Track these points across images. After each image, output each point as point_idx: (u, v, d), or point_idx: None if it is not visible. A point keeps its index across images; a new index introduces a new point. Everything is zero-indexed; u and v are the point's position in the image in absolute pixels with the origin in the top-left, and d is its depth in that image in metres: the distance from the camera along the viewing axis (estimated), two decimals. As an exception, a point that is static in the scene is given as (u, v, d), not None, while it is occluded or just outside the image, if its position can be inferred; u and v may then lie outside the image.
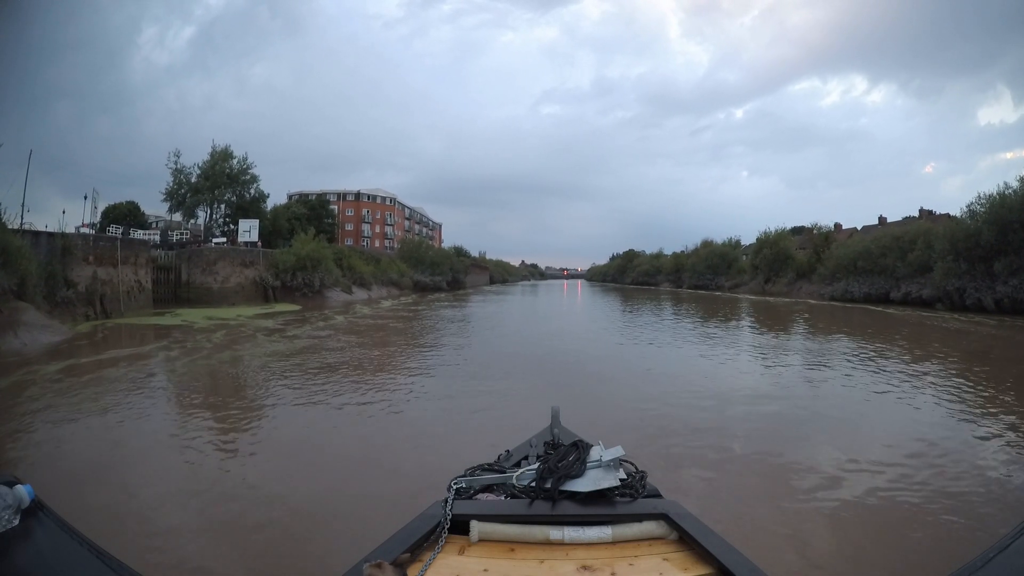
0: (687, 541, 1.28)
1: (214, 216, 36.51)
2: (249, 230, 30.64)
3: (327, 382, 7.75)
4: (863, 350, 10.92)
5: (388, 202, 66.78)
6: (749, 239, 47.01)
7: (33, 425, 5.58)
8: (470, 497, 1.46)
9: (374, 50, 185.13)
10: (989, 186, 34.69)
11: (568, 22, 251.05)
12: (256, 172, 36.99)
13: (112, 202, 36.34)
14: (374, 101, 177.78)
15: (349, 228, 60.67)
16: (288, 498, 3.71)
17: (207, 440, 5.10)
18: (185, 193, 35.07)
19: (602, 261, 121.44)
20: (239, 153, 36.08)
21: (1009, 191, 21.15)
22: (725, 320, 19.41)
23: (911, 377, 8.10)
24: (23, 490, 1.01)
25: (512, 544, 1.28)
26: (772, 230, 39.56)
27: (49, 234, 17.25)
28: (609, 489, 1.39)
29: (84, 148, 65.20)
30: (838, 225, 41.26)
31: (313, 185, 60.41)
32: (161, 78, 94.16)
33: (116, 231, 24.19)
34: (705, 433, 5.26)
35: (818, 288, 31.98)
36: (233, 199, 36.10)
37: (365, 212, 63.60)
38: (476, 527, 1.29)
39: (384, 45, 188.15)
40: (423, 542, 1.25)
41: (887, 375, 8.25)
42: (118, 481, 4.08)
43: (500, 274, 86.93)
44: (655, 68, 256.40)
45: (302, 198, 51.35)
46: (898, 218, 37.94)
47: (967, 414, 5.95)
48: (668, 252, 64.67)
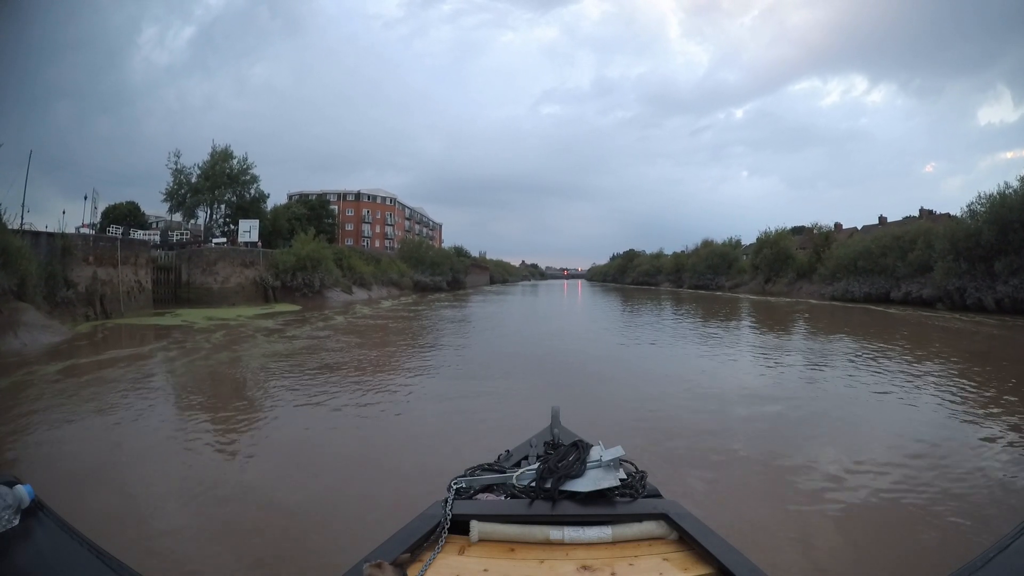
0: (687, 541, 1.28)
1: (214, 216, 36.57)
2: (249, 230, 30.64)
3: (327, 383, 7.75)
4: (864, 350, 10.91)
5: (388, 202, 66.78)
6: (749, 239, 47.15)
7: (33, 425, 5.59)
8: (470, 497, 1.46)
9: (374, 50, 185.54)
10: (989, 186, 34.76)
11: (568, 22, 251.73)
12: (256, 172, 37.11)
13: (112, 202, 36.45)
14: (374, 101, 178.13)
15: (349, 228, 60.68)
16: (288, 498, 3.71)
17: (206, 441, 5.10)
18: (185, 193, 35.11)
19: (602, 261, 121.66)
20: (239, 153, 36.20)
21: (1009, 191, 21.17)
22: (725, 320, 19.39)
23: (913, 377, 8.09)
24: (23, 490, 1.01)
25: (512, 544, 1.28)
26: (772, 230, 39.63)
27: (49, 234, 17.27)
28: (609, 489, 1.39)
29: (84, 148, 65.31)
30: (838, 225, 41.22)
31: (313, 185, 60.59)
32: (161, 78, 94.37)
33: (116, 231, 24.20)
34: (706, 433, 5.25)
35: (818, 288, 31.96)
36: (233, 199, 36.12)
37: (365, 212, 63.60)
38: (476, 527, 1.29)
39: (384, 45, 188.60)
40: (423, 542, 1.25)
41: (889, 375, 8.24)
42: (118, 481, 4.08)
43: (500, 274, 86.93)
44: (655, 68, 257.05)
45: (302, 198, 51.39)
46: (898, 218, 37.87)
47: (969, 415, 5.93)
48: (668, 252, 64.79)
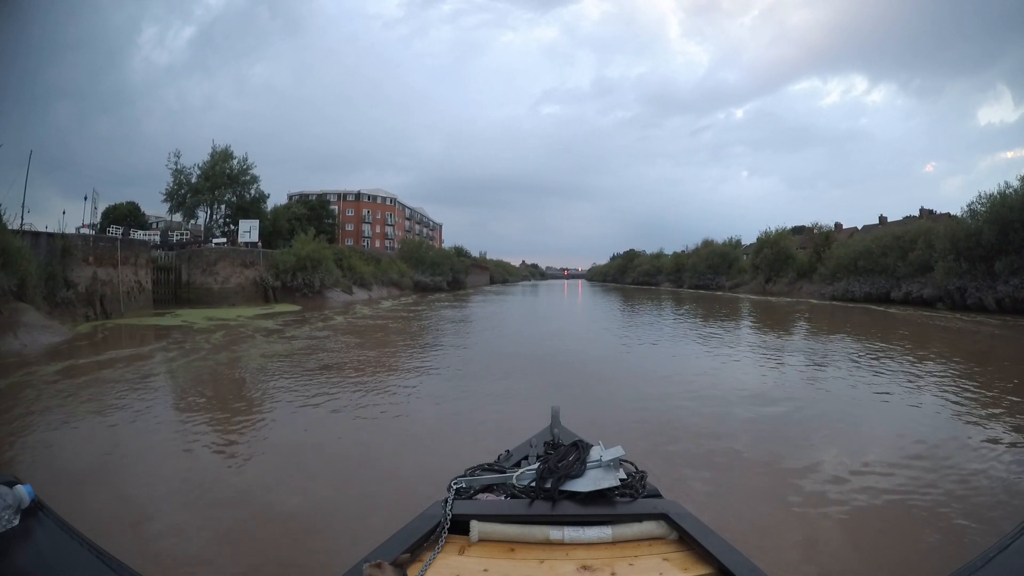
0: (687, 541, 1.28)
1: (214, 216, 36.60)
2: (249, 230, 30.66)
3: (326, 383, 7.75)
4: (865, 350, 10.91)
5: (388, 202, 66.79)
6: (749, 239, 47.11)
7: (33, 426, 5.59)
8: (470, 497, 1.46)
9: (374, 50, 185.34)
10: (989, 185, 34.74)
11: (568, 22, 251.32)
12: (256, 172, 37.17)
13: (112, 202, 36.51)
14: (374, 101, 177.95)
15: (349, 228, 60.69)
16: (287, 499, 3.71)
17: (206, 441, 5.10)
18: (185, 193, 35.14)
19: (602, 261, 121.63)
20: (239, 153, 36.26)
21: (1010, 190, 21.14)
22: (726, 320, 19.39)
23: (915, 377, 8.07)
24: (23, 490, 1.01)
25: (512, 544, 1.28)
26: (773, 230, 39.55)
27: (49, 235, 17.29)
28: (609, 489, 1.39)
29: (84, 148, 65.25)
30: (839, 225, 41.22)
31: (313, 185, 60.58)
32: (161, 78, 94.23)
33: (116, 232, 24.22)
34: (707, 434, 5.24)
35: (819, 288, 31.94)
36: (233, 199, 36.16)
37: (365, 212, 63.60)
38: (476, 527, 1.29)
39: (384, 45, 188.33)
40: (423, 542, 1.25)
41: (890, 375, 8.23)
42: (117, 482, 4.08)
43: (500, 274, 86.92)
44: (655, 68, 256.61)
45: (302, 198, 51.41)
46: (899, 218, 37.83)
47: (972, 415, 5.90)
48: (668, 252, 64.70)
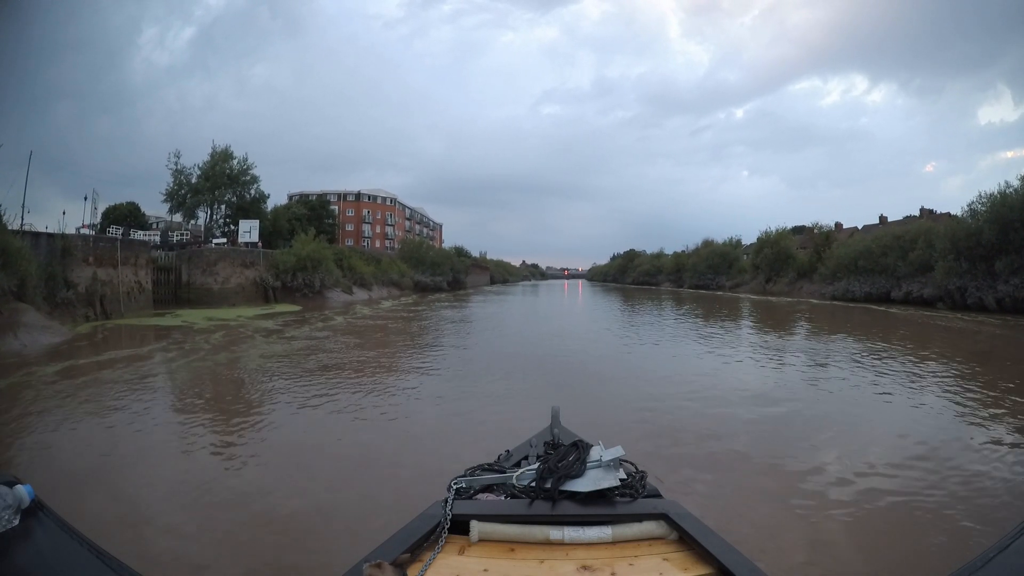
0: (687, 541, 1.28)
1: (214, 217, 36.63)
2: (249, 231, 30.69)
3: (326, 384, 7.75)
4: (867, 350, 10.90)
5: (388, 202, 66.80)
6: (750, 239, 47.05)
7: (32, 426, 5.59)
8: (470, 497, 1.46)
9: (374, 50, 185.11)
10: (990, 185, 34.77)
11: (568, 22, 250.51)
12: (256, 172, 37.20)
13: (112, 203, 36.56)
14: (374, 101, 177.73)
15: (350, 228, 60.70)
16: (287, 499, 3.71)
17: (205, 442, 5.10)
18: (185, 194, 35.16)
19: (603, 261, 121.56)
20: (239, 153, 36.29)
21: (1010, 190, 21.11)
22: (727, 320, 19.38)
23: (916, 378, 8.05)
24: (23, 490, 1.01)
25: (512, 544, 1.28)
26: (773, 230, 39.50)
27: (49, 235, 17.29)
28: (609, 489, 1.39)
29: (84, 149, 65.18)
30: (839, 224, 41.20)
31: (313, 185, 60.58)
32: (161, 79, 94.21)
33: (116, 232, 24.25)
34: (708, 434, 5.23)
35: (819, 287, 31.94)
36: (233, 200, 36.17)
37: (366, 212, 63.61)
38: (476, 527, 1.29)
39: (384, 45, 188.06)
40: (423, 542, 1.25)
41: (892, 376, 8.21)
42: (117, 482, 4.08)
43: (501, 274, 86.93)
44: (655, 68, 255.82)
45: (302, 198, 51.42)
46: (899, 217, 37.81)
47: (974, 416, 5.88)
48: (669, 252, 64.63)
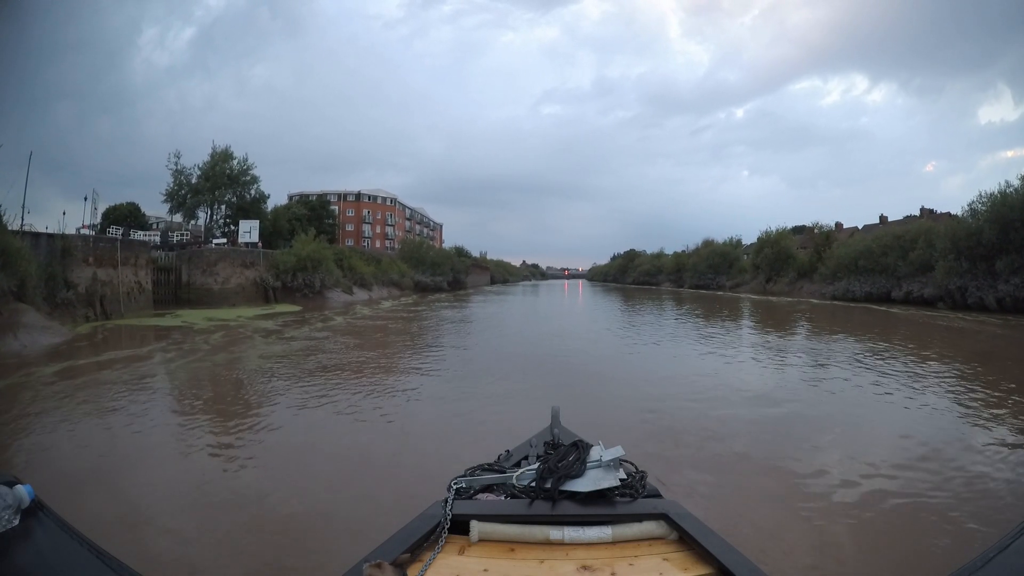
0: (687, 541, 1.27)
1: (214, 217, 36.63)
2: (249, 231, 30.67)
3: (326, 384, 7.75)
4: (868, 350, 10.88)
5: (389, 202, 66.80)
6: (750, 239, 47.06)
7: (32, 426, 5.59)
8: (470, 497, 1.46)
9: (374, 50, 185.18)
10: (990, 185, 34.89)
11: (568, 22, 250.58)
12: (256, 173, 37.21)
13: (112, 203, 36.61)
14: (374, 101, 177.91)
15: (350, 228, 60.71)
16: (287, 499, 3.71)
17: (205, 442, 5.10)
18: (185, 194, 35.17)
19: (603, 261, 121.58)
20: (239, 154, 36.31)
21: (1010, 189, 21.12)
22: (727, 320, 19.38)
23: (919, 378, 8.03)
24: (23, 490, 1.01)
25: (512, 544, 1.28)
26: (773, 229, 39.48)
27: (49, 235, 17.29)
28: (609, 489, 1.39)
29: (84, 149, 65.37)
30: (839, 224, 41.23)
31: (313, 185, 60.65)
32: (161, 79, 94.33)
33: (116, 232, 24.24)
34: (709, 435, 5.22)
35: (819, 287, 31.94)
36: (233, 200, 36.18)
37: (366, 212, 63.62)
38: (476, 527, 1.29)
39: (384, 45, 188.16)
40: (423, 542, 1.25)
41: (893, 376, 8.19)
42: (116, 482, 4.09)
43: (501, 274, 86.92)
44: (655, 68, 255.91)
45: (302, 199, 51.43)
46: (899, 217, 37.85)
47: (977, 416, 5.86)
48: (669, 252, 64.67)
